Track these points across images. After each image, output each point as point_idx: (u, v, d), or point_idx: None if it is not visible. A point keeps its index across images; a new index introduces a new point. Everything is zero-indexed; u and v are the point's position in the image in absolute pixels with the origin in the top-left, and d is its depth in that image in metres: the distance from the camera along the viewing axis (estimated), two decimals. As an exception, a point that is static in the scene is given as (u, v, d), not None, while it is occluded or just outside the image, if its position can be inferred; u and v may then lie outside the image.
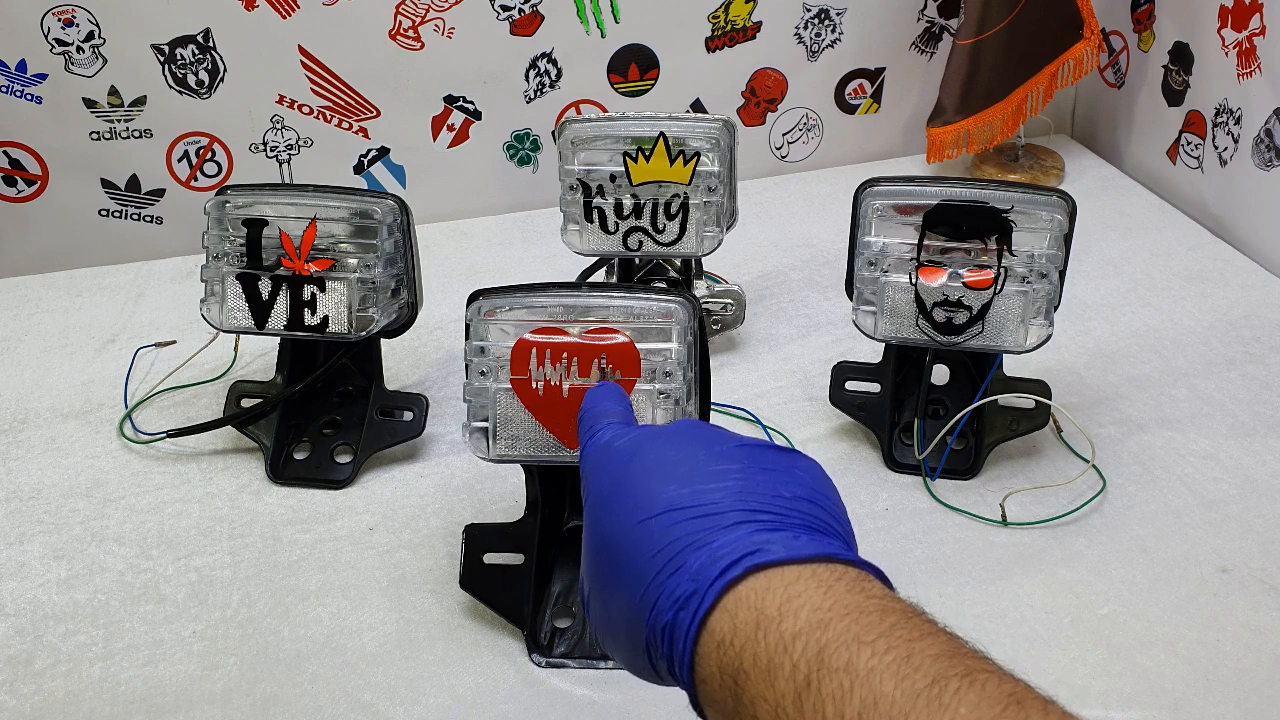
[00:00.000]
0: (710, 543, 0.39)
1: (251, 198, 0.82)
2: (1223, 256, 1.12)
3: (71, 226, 1.15)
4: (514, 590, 0.71)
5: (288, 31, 1.11)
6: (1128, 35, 1.29)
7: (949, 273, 0.79)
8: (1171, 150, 1.24)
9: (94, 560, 0.78)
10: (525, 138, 1.23)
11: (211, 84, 1.12)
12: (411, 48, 1.16)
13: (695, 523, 0.40)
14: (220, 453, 0.88)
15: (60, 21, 1.07)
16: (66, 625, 0.73)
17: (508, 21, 1.16)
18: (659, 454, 0.44)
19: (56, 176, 1.13)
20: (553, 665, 0.69)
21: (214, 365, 0.96)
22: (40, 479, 0.86)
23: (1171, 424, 0.89)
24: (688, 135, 0.86)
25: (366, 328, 0.82)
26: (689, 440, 0.45)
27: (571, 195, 0.88)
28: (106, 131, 1.12)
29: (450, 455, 0.87)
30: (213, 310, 0.83)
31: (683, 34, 1.22)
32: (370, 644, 0.71)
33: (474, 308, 0.65)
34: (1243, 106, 1.11)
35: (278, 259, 0.81)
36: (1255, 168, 1.10)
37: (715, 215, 0.88)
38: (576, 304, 0.64)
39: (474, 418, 0.66)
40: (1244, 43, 1.10)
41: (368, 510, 0.82)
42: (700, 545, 0.39)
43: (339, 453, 0.86)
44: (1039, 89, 1.20)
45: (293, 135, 1.17)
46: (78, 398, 0.95)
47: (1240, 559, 0.76)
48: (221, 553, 0.78)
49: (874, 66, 1.29)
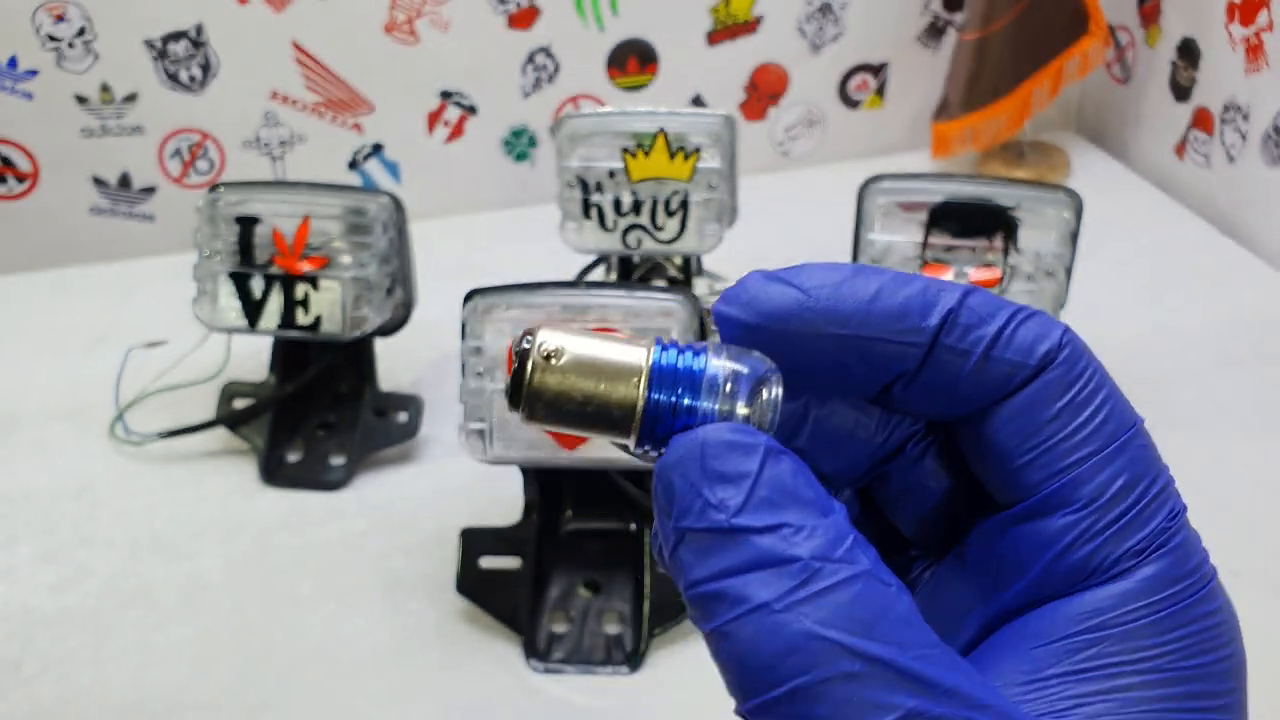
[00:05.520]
0: None
1: (244, 195, 0.81)
2: (1231, 254, 1.11)
3: (62, 224, 1.15)
4: (511, 595, 0.70)
5: (281, 26, 1.10)
6: (1134, 30, 1.28)
7: (954, 271, 0.78)
8: (1179, 147, 1.22)
9: (84, 563, 0.77)
10: (522, 133, 1.22)
11: (204, 80, 1.11)
12: (407, 42, 1.14)
13: None
14: (212, 454, 0.87)
15: (52, 17, 1.05)
16: (56, 630, 0.72)
17: (504, 15, 1.15)
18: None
19: (47, 174, 1.12)
20: (550, 671, 0.68)
21: (206, 365, 0.95)
22: (29, 481, 0.85)
23: (1180, 425, 0.88)
24: (688, 131, 0.86)
25: (360, 327, 0.81)
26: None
27: (569, 192, 0.87)
28: (98, 128, 1.11)
29: (446, 457, 0.86)
30: (205, 309, 0.82)
31: (683, 27, 1.21)
32: (364, 649, 0.70)
33: (470, 307, 0.64)
34: (1251, 103, 1.10)
35: (270, 257, 0.81)
36: (1264, 165, 1.09)
37: (716, 212, 0.87)
38: (575, 303, 0.63)
39: (470, 419, 0.65)
40: (1252, 38, 1.09)
41: (361, 513, 0.81)
42: None
43: (332, 454, 0.85)
44: (1045, 84, 1.19)
45: (286, 131, 1.16)
46: (68, 398, 0.94)
47: (1251, 561, 0.75)
48: (213, 556, 0.78)
49: (878, 61, 1.28)
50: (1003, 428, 0.21)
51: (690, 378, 0.20)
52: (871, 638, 0.18)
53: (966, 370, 0.21)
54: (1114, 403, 0.21)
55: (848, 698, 0.17)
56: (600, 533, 0.72)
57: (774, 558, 0.18)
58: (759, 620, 0.18)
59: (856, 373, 0.21)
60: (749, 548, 0.18)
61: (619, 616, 0.70)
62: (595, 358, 0.20)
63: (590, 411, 0.20)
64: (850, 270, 0.21)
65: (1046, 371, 0.21)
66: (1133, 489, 0.21)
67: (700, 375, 0.20)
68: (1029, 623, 0.21)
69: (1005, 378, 0.21)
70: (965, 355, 0.21)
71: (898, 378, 0.21)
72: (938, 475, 0.23)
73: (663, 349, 0.21)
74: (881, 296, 0.21)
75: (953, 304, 0.21)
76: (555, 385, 0.20)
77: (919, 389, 0.21)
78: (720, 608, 0.18)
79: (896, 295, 0.21)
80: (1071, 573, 0.20)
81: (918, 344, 0.21)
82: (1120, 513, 0.20)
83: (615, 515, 0.72)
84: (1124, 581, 0.20)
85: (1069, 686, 0.20)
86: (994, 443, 0.21)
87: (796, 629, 0.18)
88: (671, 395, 0.20)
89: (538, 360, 0.20)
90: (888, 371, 0.21)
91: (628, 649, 0.68)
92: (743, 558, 0.18)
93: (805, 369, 0.21)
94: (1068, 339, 0.21)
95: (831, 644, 0.18)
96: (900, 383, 0.21)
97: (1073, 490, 0.21)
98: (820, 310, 0.21)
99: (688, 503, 0.19)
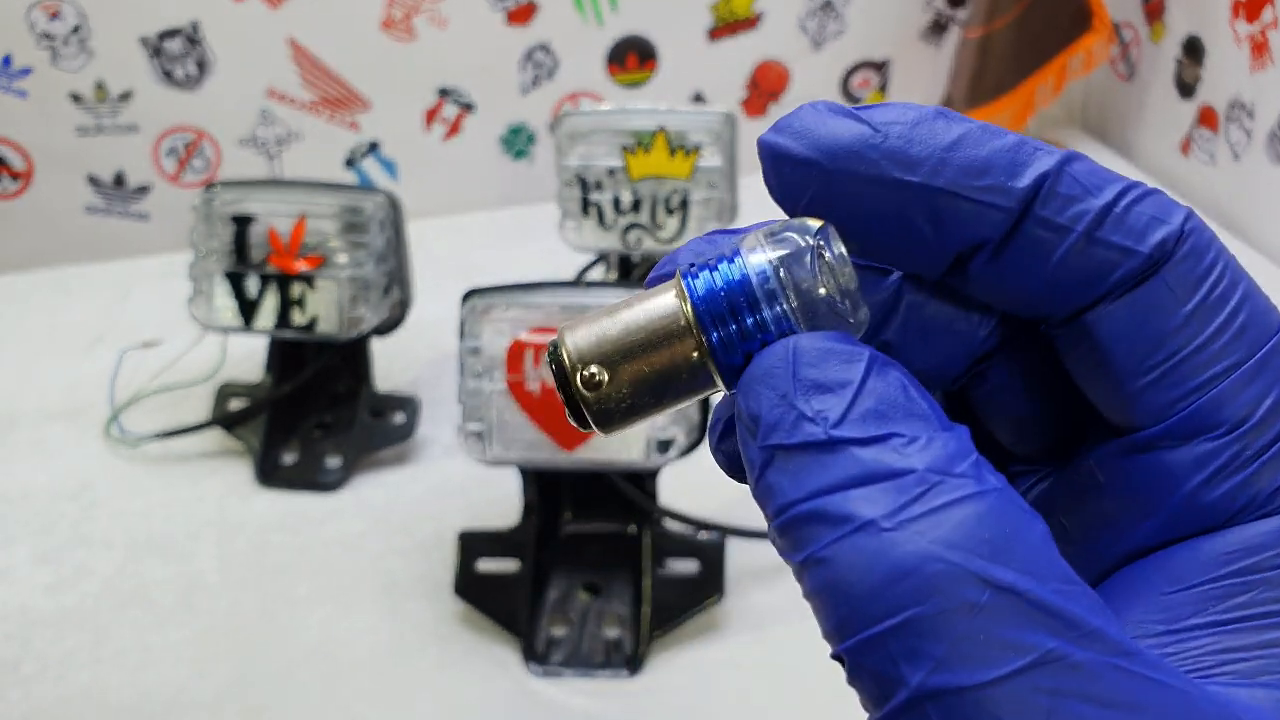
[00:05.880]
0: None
1: (239, 194, 0.81)
2: (1236, 252, 1.09)
3: (58, 223, 1.14)
4: (509, 597, 0.69)
5: (277, 23, 1.10)
6: (1139, 27, 1.27)
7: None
8: (1184, 144, 1.22)
9: (82, 564, 0.77)
10: (521, 131, 1.22)
11: (199, 78, 1.11)
12: (404, 39, 1.14)
13: None
14: (208, 455, 0.86)
15: (46, 14, 1.05)
16: (54, 630, 0.72)
17: (503, 11, 1.15)
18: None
19: (42, 172, 1.12)
20: (549, 674, 0.68)
21: (202, 366, 0.94)
22: (27, 481, 0.84)
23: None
24: (688, 128, 0.85)
25: (357, 327, 0.80)
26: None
27: (568, 190, 0.87)
28: (93, 126, 1.10)
29: (443, 458, 0.85)
30: (200, 309, 0.82)
31: (683, 24, 1.20)
32: (361, 652, 0.70)
33: (468, 306, 0.64)
34: (1256, 100, 1.09)
35: (266, 256, 0.80)
36: (1269, 162, 1.08)
37: (716, 211, 0.87)
38: (574, 302, 0.63)
39: (468, 420, 0.64)
40: (1257, 35, 1.08)
41: (358, 515, 0.80)
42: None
43: (329, 455, 0.84)
44: (1049, 81, 1.19)
45: (282, 129, 1.15)
46: (65, 398, 0.93)
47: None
48: (210, 557, 0.77)
49: (880, 58, 1.28)
50: (1118, 335, 0.17)
51: (740, 290, 0.17)
52: (1003, 563, 0.14)
53: (1063, 251, 0.17)
54: (1253, 302, 0.18)
55: (972, 633, 0.14)
56: (600, 535, 0.72)
57: (883, 471, 0.15)
58: (864, 540, 0.15)
59: (924, 236, 0.18)
60: (852, 461, 0.15)
61: (618, 619, 0.69)
62: (633, 339, 0.17)
63: (662, 391, 0.18)
64: (931, 112, 0.18)
65: (1168, 265, 0.17)
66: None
67: (748, 282, 0.17)
68: (1162, 564, 0.17)
69: (1109, 268, 0.17)
70: (1063, 232, 0.17)
71: (976, 249, 0.18)
72: (1047, 379, 0.19)
73: (691, 278, 0.18)
74: (963, 145, 0.17)
75: (1049, 167, 0.17)
76: (613, 395, 0.18)
77: (1003, 269, 0.18)
78: (817, 530, 0.15)
79: (982, 146, 0.17)
80: (1214, 509, 0.17)
81: (1002, 207, 0.17)
82: (1274, 437, 0.17)
83: (615, 517, 0.71)
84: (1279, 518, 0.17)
85: (1216, 639, 0.16)
86: (1108, 354, 0.18)
87: (910, 549, 0.14)
88: (731, 324, 0.17)
89: (580, 376, 0.18)
90: (962, 238, 0.18)
91: (627, 652, 0.67)
92: (846, 473, 0.15)
93: (861, 230, 0.18)
94: (1192, 225, 0.18)
95: (954, 567, 0.14)
96: (980, 257, 0.18)
97: (1213, 412, 0.17)
98: (887, 150, 0.17)
99: (778, 416, 0.16)
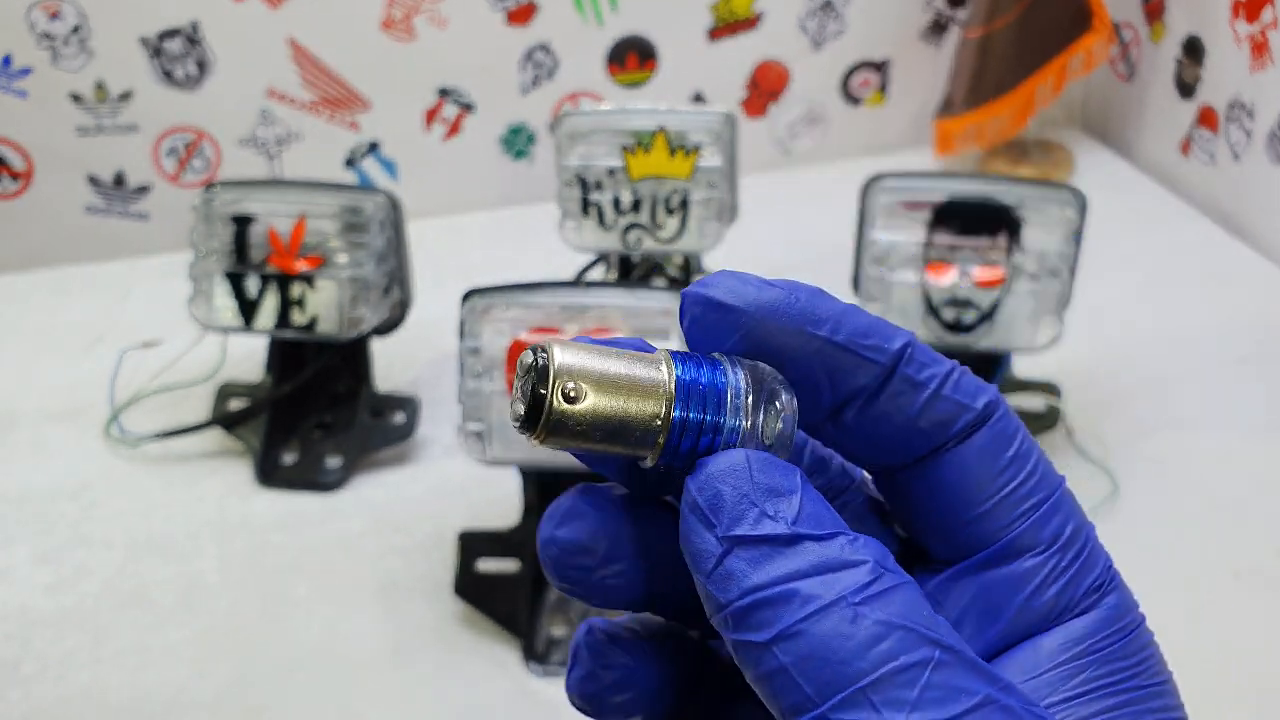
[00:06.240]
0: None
1: (239, 194, 0.81)
2: (1236, 253, 1.10)
3: (58, 223, 1.14)
4: (509, 597, 0.69)
5: (278, 23, 1.10)
6: (1139, 27, 1.27)
7: (958, 270, 0.77)
8: (1184, 144, 1.22)
9: (81, 564, 0.77)
10: (521, 131, 1.21)
11: (199, 78, 1.11)
12: (404, 39, 1.14)
13: None
14: (208, 455, 0.86)
15: (46, 15, 1.05)
16: (54, 630, 0.72)
17: (503, 11, 1.15)
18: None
19: (42, 172, 1.11)
20: (549, 674, 0.68)
21: (202, 366, 0.94)
22: (27, 481, 0.84)
23: (1184, 424, 0.87)
24: (688, 128, 0.85)
25: (357, 327, 0.80)
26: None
27: (568, 190, 0.87)
28: (93, 126, 1.10)
29: (443, 458, 0.85)
30: (200, 309, 0.82)
31: (684, 24, 1.20)
32: (362, 652, 0.70)
33: (468, 306, 0.64)
34: (1256, 100, 1.09)
35: (266, 256, 0.80)
36: (1269, 162, 1.08)
37: (716, 211, 0.87)
38: (574, 303, 0.63)
39: (468, 420, 0.64)
40: (1257, 35, 1.08)
41: (358, 515, 0.80)
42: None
43: (329, 455, 0.84)
44: (1049, 81, 1.19)
45: (282, 129, 1.15)
46: (65, 398, 0.93)
47: (1253, 562, 0.74)
48: (210, 557, 0.77)
49: (880, 58, 1.27)
50: (960, 474, 0.21)
51: (713, 392, 0.20)
52: (939, 634, 0.18)
53: (919, 404, 0.21)
54: (1043, 455, 0.22)
55: (934, 681, 0.18)
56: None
57: (839, 561, 0.19)
58: (840, 612, 0.18)
59: (819, 384, 0.21)
60: (813, 552, 0.19)
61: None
62: (615, 376, 0.19)
63: (611, 432, 0.19)
64: (818, 289, 0.21)
65: (990, 422, 0.21)
66: (1080, 532, 0.22)
67: (723, 389, 0.20)
68: (1013, 660, 0.21)
69: (951, 420, 0.21)
70: (920, 388, 0.21)
71: (851, 399, 0.21)
72: (875, 527, 0.24)
73: (681, 363, 0.20)
74: (850, 313, 0.21)
75: (910, 338, 0.21)
76: (576, 413, 0.19)
77: (874, 415, 0.21)
78: (787, 610, 0.18)
79: (862, 316, 0.21)
80: (1045, 610, 0.21)
81: (880, 363, 0.21)
82: (1078, 551, 0.22)
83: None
84: (1093, 613, 0.22)
85: (1071, 710, 0.21)
86: (950, 489, 0.21)
87: (879, 618, 0.18)
88: (697, 412, 0.20)
89: (557, 387, 0.19)
90: (847, 387, 0.21)
91: (627, 652, 0.67)
92: (807, 562, 0.19)
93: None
94: (999, 397, 0.22)
95: (913, 633, 0.18)
96: (855, 406, 0.21)
97: (1034, 534, 0.21)
98: (799, 309, 0.21)
99: (740, 512, 0.19)
